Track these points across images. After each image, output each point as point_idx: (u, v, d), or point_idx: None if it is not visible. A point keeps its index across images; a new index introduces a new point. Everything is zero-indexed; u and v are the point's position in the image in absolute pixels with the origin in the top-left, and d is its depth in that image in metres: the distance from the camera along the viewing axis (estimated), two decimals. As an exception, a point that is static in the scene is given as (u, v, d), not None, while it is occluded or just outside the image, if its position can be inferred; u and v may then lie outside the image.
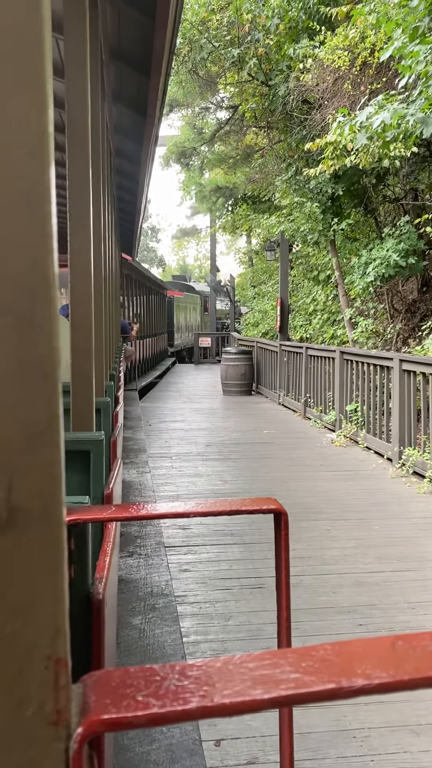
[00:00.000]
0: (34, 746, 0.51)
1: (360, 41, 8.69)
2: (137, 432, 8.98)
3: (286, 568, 1.21)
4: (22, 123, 0.50)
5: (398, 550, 4.67)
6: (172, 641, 3.27)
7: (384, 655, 0.57)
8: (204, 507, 1.23)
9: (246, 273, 30.13)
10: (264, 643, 3.33)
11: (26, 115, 0.50)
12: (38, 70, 0.51)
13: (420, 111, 6.16)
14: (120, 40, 4.81)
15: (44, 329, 0.51)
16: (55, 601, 0.52)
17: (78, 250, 2.54)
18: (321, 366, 10.31)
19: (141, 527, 5.03)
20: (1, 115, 0.50)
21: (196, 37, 13.37)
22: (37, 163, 0.51)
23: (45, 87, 0.51)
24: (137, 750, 2.42)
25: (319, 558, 4.51)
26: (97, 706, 0.52)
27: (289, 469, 7.24)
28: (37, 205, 0.51)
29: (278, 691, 0.52)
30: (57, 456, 0.52)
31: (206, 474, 6.98)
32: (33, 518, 0.51)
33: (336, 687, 0.52)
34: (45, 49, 0.51)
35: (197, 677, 0.55)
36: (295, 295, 16.71)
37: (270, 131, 13.73)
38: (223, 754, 2.53)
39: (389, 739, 2.62)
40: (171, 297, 27.04)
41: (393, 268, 9.34)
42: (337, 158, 7.98)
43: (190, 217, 40.94)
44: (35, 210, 0.51)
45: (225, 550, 4.69)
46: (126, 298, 15.06)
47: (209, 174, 21.34)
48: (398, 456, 7.07)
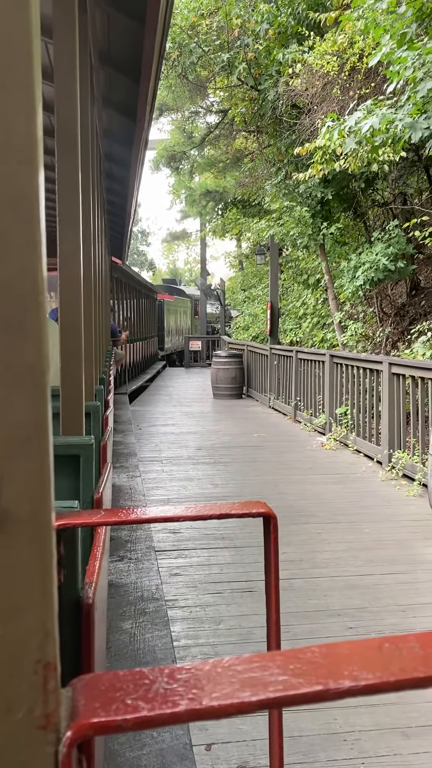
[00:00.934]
0: (23, 750, 0.51)
1: (349, 47, 8.74)
2: (127, 436, 8.97)
3: (275, 571, 1.22)
4: (10, 129, 0.50)
5: (388, 552, 4.69)
6: (163, 645, 3.27)
7: (371, 657, 0.58)
8: (194, 511, 1.23)
9: (236, 277, 30.19)
10: (254, 646, 3.33)
11: (14, 121, 0.50)
12: (27, 75, 0.51)
13: (408, 116, 6.21)
14: (109, 45, 4.82)
15: (33, 336, 0.52)
16: (44, 605, 0.52)
17: (67, 254, 2.54)
18: (311, 369, 10.33)
19: (131, 531, 5.03)
20: None
21: (185, 41, 13.40)
22: (26, 170, 0.51)
23: (33, 92, 0.51)
24: (128, 755, 2.41)
25: (309, 561, 4.52)
26: (86, 710, 0.52)
27: (279, 472, 7.25)
28: (26, 212, 0.51)
29: (266, 693, 0.52)
30: (46, 461, 0.52)
31: (197, 478, 6.98)
32: (22, 523, 0.51)
33: (323, 689, 0.53)
34: (33, 53, 0.51)
35: (186, 680, 0.55)
36: (285, 299, 16.76)
37: (259, 135, 13.78)
38: (213, 758, 2.52)
39: (379, 741, 2.62)
40: (161, 300, 27.03)
41: (382, 272, 9.39)
42: (326, 163, 8.02)
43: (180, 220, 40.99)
44: (23, 217, 0.51)
45: (215, 553, 4.69)
46: (116, 302, 15.04)
47: (199, 178, 21.38)
48: (388, 459, 7.09)
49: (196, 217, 24.94)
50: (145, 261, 55.80)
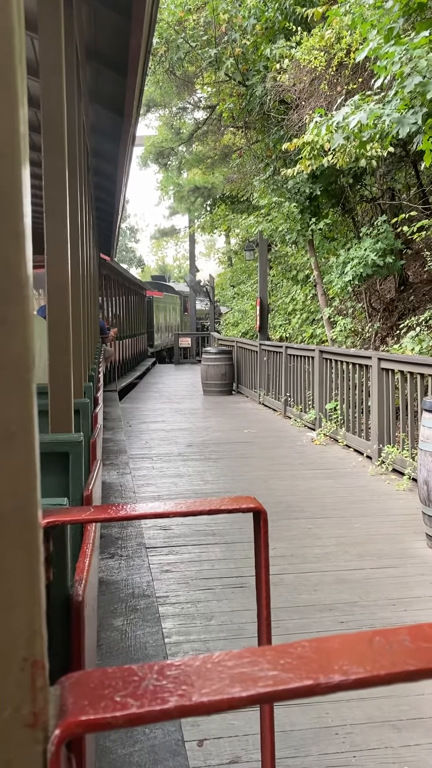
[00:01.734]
0: (10, 749, 0.50)
1: (336, 42, 8.73)
2: (117, 433, 8.95)
3: (265, 566, 1.21)
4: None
5: (378, 547, 4.71)
6: (154, 642, 3.26)
7: (361, 651, 0.58)
8: (184, 507, 1.23)
9: (225, 273, 30.16)
10: (246, 642, 3.34)
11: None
12: (8, 66, 0.50)
13: (396, 111, 6.21)
14: (96, 40, 4.79)
15: (18, 330, 0.51)
16: (31, 603, 0.52)
17: (55, 251, 2.53)
18: (300, 365, 10.35)
19: (122, 528, 5.02)
20: None
21: (172, 37, 13.35)
22: (8, 162, 0.50)
23: (16, 83, 0.50)
24: (119, 752, 2.41)
25: (300, 556, 4.53)
26: (75, 708, 0.52)
27: (269, 468, 7.26)
28: (8, 204, 0.50)
29: (256, 689, 0.52)
30: (31, 457, 0.52)
31: (187, 474, 6.98)
32: (6, 520, 0.51)
33: (314, 683, 0.53)
34: (15, 43, 0.50)
35: (176, 676, 0.55)
36: (274, 295, 16.77)
37: (247, 131, 13.76)
38: (206, 754, 2.53)
39: (371, 735, 2.63)
40: (150, 297, 26.98)
41: (371, 268, 9.41)
42: (314, 158, 8.02)
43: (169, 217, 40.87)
44: (6, 209, 0.50)
45: (206, 550, 4.69)
46: (105, 299, 15.00)
47: (187, 174, 21.33)
48: (377, 454, 7.12)
49: (184, 213, 24.88)
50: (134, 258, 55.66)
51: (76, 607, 1.18)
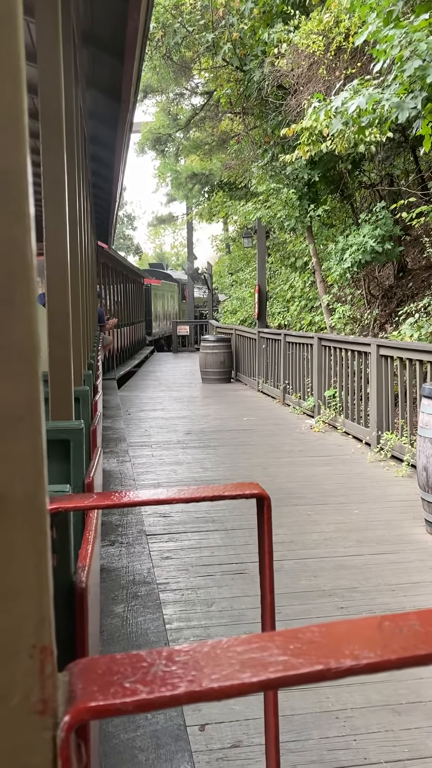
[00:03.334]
0: (20, 736, 0.50)
1: (334, 26, 8.65)
2: (116, 421, 8.95)
3: (269, 552, 1.21)
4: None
5: (378, 533, 4.72)
6: (155, 628, 3.28)
7: (371, 636, 0.57)
8: (186, 493, 1.22)
9: (223, 260, 30.06)
10: (246, 627, 3.35)
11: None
12: (10, 44, 0.49)
13: (395, 96, 6.16)
14: (93, 24, 4.74)
15: (23, 311, 0.50)
16: (39, 589, 0.51)
17: (54, 238, 2.51)
18: (299, 352, 10.34)
19: (122, 516, 5.03)
20: None
21: (169, 21, 13.23)
22: (11, 140, 0.49)
23: (18, 61, 0.49)
24: (122, 737, 2.43)
25: (300, 542, 4.54)
26: (84, 694, 0.51)
27: (269, 455, 7.27)
28: (13, 183, 0.49)
29: (267, 674, 0.52)
30: (38, 441, 0.51)
31: (187, 462, 6.99)
32: (15, 506, 0.50)
33: (324, 668, 0.52)
34: (17, 23, 0.49)
35: (185, 662, 0.55)
36: (272, 282, 16.72)
37: (245, 117, 13.67)
38: (207, 738, 2.54)
39: (371, 718, 2.65)
40: (148, 285, 26.89)
41: (369, 254, 9.37)
42: (312, 144, 7.97)
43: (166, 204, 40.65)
44: (11, 188, 0.49)
45: (206, 536, 4.70)
46: (103, 287, 14.95)
47: (185, 160, 21.22)
48: (376, 440, 7.13)
49: (182, 200, 24.77)
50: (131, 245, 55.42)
51: (79, 594, 1.18)
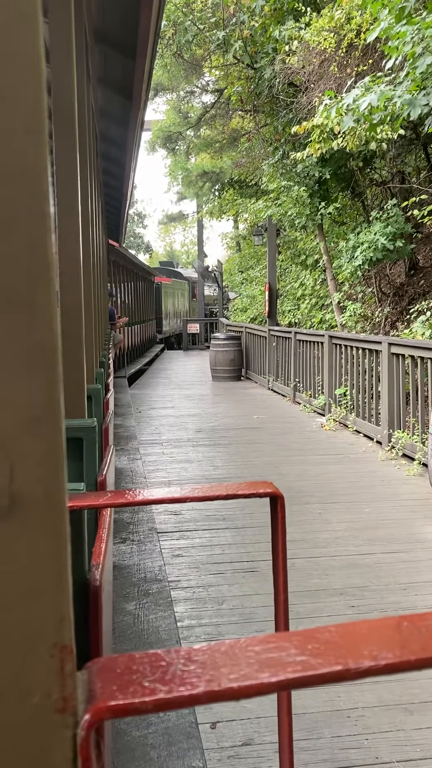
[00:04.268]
0: (41, 734, 0.50)
1: (346, 22, 8.62)
2: (127, 419, 8.97)
3: (282, 550, 1.21)
4: (18, 97, 0.48)
5: (389, 532, 4.71)
6: (167, 626, 3.28)
7: (389, 636, 0.57)
8: (200, 492, 1.22)
9: (233, 258, 30.05)
10: (257, 626, 3.35)
11: (21, 88, 0.48)
12: (32, 42, 0.49)
13: (407, 92, 6.13)
14: (104, 22, 4.74)
15: (44, 312, 0.50)
16: (59, 588, 0.51)
17: (66, 236, 2.51)
18: (310, 350, 10.31)
19: (133, 513, 5.04)
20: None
21: (180, 19, 13.22)
22: (34, 140, 0.49)
23: (39, 60, 0.49)
24: (134, 734, 2.43)
25: (311, 541, 4.54)
26: (104, 693, 0.52)
27: (279, 453, 7.26)
28: (34, 183, 0.49)
29: (285, 674, 0.52)
30: (59, 441, 0.51)
31: (197, 460, 6.99)
32: (35, 505, 0.50)
33: (343, 669, 0.52)
34: (38, 21, 0.49)
35: (203, 662, 0.55)
36: (283, 280, 16.69)
37: (256, 115, 13.64)
38: (219, 736, 2.54)
39: (383, 718, 2.64)
40: (159, 283, 26.92)
41: (381, 252, 9.34)
42: (323, 141, 7.95)
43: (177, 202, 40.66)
44: (32, 189, 0.49)
45: (217, 534, 4.70)
46: (114, 285, 14.98)
47: (195, 159, 21.20)
48: (387, 439, 7.10)
49: (192, 198, 24.77)
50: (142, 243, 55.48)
51: (94, 592, 1.18)
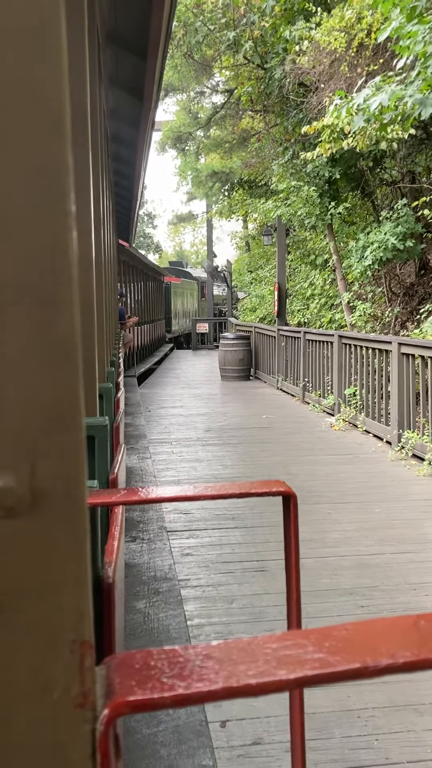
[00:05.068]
0: (60, 729, 0.51)
1: (356, 22, 8.60)
2: (137, 418, 8.99)
3: (295, 550, 1.21)
4: (41, 94, 0.49)
5: (399, 532, 4.69)
6: (177, 624, 3.29)
7: (407, 634, 0.57)
8: (213, 490, 1.23)
9: (243, 258, 30.03)
10: (267, 625, 3.35)
11: (44, 86, 0.49)
12: (56, 40, 0.49)
13: (418, 92, 6.11)
14: (116, 23, 4.75)
15: (65, 309, 0.50)
16: (79, 584, 0.52)
17: (78, 237, 2.52)
18: (319, 350, 10.30)
19: (143, 512, 5.05)
20: (20, 85, 0.48)
21: (190, 20, 13.23)
22: (57, 137, 0.49)
23: (62, 58, 0.49)
24: (144, 732, 2.44)
25: (320, 541, 4.53)
26: (122, 688, 0.52)
27: (288, 453, 7.25)
28: (57, 181, 0.50)
29: (303, 671, 0.52)
30: (79, 438, 0.52)
31: (206, 459, 6.99)
32: (57, 501, 0.51)
33: (362, 666, 0.52)
34: (61, 19, 0.50)
35: (220, 658, 0.55)
36: (292, 280, 16.66)
37: (266, 115, 13.63)
38: (228, 734, 2.55)
39: (393, 718, 2.64)
40: (168, 283, 26.93)
41: (391, 252, 9.31)
42: (334, 141, 7.93)
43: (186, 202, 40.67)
44: (55, 186, 0.50)
45: (227, 534, 4.70)
46: (124, 285, 15.01)
47: (205, 159, 21.20)
48: (397, 439, 7.08)
49: (202, 198, 24.77)
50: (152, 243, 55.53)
51: (107, 590, 1.19)
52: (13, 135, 0.49)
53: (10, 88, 0.49)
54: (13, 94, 0.49)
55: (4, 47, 0.48)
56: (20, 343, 0.49)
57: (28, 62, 0.48)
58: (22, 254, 0.49)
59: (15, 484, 0.49)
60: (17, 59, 0.49)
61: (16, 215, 0.49)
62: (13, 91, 0.49)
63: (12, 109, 0.49)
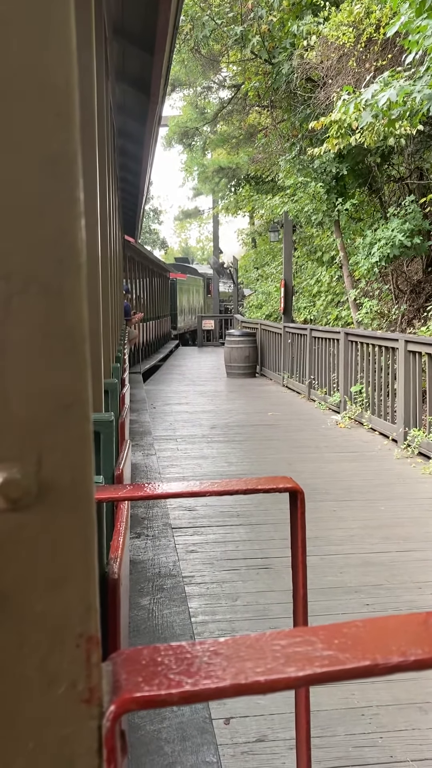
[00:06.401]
0: (66, 725, 0.50)
1: (365, 17, 8.56)
2: (142, 414, 8.99)
3: (302, 546, 1.20)
4: (48, 80, 0.48)
5: (404, 530, 4.68)
6: (181, 621, 3.29)
7: (417, 632, 0.56)
8: (219, 486, 1.22)
9: (249, 255, 29.97)
10: (271, 622, 3.35)
11: (52, 72, 0.48)
12: (65, 25, 0.48)
13: (427, 87, 6.08)
14: (123, 16, 4.74)
15: (73, 299, 0.50)
16: (86, 577, 0.51)
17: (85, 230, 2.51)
18: (325, 347, 10.27)
19: (147, 509, 5.05)
20: (28, 72, 0.47)
21: (198, 14, 13.19)
22: (65, 123, 0.48)
23: (71, 43, 0.49)
24: (148, 728, 2.44)
25: (325, 539, 4.52)
26: (129, 684, 0.51)
27: (294, 450, 7.24)
28: (65, 168, 0.49)
29: (313, 669, 0.51)
30: (87, 429, 0.51)
31: (211, 456, 6.99)
32: (63, 493, 0.50)
33: (371, 664, 0.51)
34: (71, 7, 0.49)
35: (228, 655, 0.54)
36: (298, 277, 16.63)
37: (273, 110, 13.59)
38: (232, 732, 2.54)
39: (397, 716, 2.63)
40: (174, 279, 26.92)
41: (398, 249, 9.28)
42: (341, 137, 7.90)
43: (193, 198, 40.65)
44: (63, 174, 0.49)
45: (231, 531, 4.70)
46: (129, 281, 15.00)
47: (212, 154, 21.17)
48: (403, 437, 7.06)
49: (208, 194, 24.74)
50: (157, 239, 55.49)
51: (112, 585, 1.18)
52: (19, 122, 0.48)
53: (15, 75, 0.48)
54: (20, 81, 0.48)
55: (9, 34, 0.48)
56: (27, 333, 0.49)
57: (35, 48, 0.47)
58: (28, 243, 0.48)
59: (21, 476, 0.48)
60: (22, 46, 0.48)
61: (23, 203, 0.49)
62: (20, 78, 0.48)
63: (18, 96, 0.48)
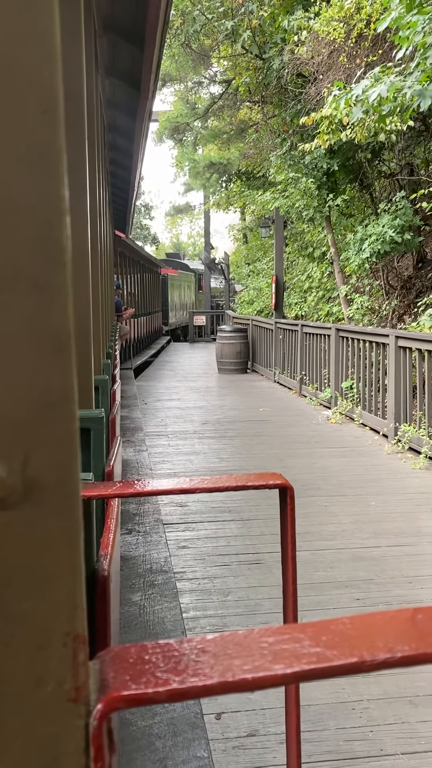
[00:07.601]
0: (53, 723, 0.50)
1: (356, 12, 8.54)
2: (133, 411, 8.98)
3: (292, 542, 1.21)
4: (34, 76, 0.47)
5: (395, 525, 4.70)
6: (172, 617, 3.29)
7: (404, 628, 0.56)
8: (209, 483, 1.22)
9: (240, 250, 29.95)
10: (262, 617, 3.36)
11: (38, 67, 0.47)
12: (48, 19, 0.48)
13: (417, 83, 6.08)
14: (113, 11, 4.71)
15: (59, 296, 0.49)
16: (72, 576, 0.51)
17: (74, 227, 2.50)
18: (316, 343, 10.29)
19: (139, 505, 5.04)
20: (12, 66, 0.47)
21: (188, 8, 13.14)
22: (50, 120, 0.48)
23: (55, 38, 0.48)
24: (139, 724, 2.44)
25: (316, 534, 4.53)
26: (116, 683, 0.51)
27: (285, 446, 7.26)
28: (51, 164, 0.48)
29: (300, 666, 0.51)
30: (73, 428, 0.50)
31: (203, 452, 6.99)
32: (50, 491, 0.49)
33: (359, 661, 0.52)
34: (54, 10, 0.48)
35: (216, 652, 0.54)
36: (290, 273, 16.63)
37: (264, 106, 13.57)
38: (224, 726, 2.55)
39: (387, 710, 2.65)
40: (165, 275, 26.86)
41: (389, 244, 9.29)
42: (332, 133, 7.90)
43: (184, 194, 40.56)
44: (49, 169, 0.48)
45: (223, 526, 4.71)
46: (120, 276, 14.95)
47: (203, 150, 21.12)
48: (394, 432, 7.09)
49: (199, 189, 24.70)
50: (149, 235, 55.34)
51: (102, 582, 1.18)
52: (3, 118, 0.48)
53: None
54: (3, 76, 0.48)
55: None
56: (12, 330, 0.48)
57: (18, 42, 0.47)
58: (13, 238, 0.48)
59: (6, 474, 0.48)
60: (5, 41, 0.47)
61: (8, 199, 0.48)
62: (3, 73, 0.47)
63: (2, 92, 0.48)
